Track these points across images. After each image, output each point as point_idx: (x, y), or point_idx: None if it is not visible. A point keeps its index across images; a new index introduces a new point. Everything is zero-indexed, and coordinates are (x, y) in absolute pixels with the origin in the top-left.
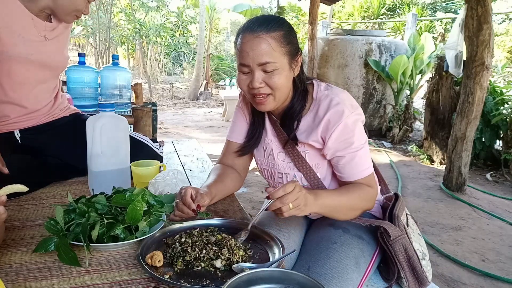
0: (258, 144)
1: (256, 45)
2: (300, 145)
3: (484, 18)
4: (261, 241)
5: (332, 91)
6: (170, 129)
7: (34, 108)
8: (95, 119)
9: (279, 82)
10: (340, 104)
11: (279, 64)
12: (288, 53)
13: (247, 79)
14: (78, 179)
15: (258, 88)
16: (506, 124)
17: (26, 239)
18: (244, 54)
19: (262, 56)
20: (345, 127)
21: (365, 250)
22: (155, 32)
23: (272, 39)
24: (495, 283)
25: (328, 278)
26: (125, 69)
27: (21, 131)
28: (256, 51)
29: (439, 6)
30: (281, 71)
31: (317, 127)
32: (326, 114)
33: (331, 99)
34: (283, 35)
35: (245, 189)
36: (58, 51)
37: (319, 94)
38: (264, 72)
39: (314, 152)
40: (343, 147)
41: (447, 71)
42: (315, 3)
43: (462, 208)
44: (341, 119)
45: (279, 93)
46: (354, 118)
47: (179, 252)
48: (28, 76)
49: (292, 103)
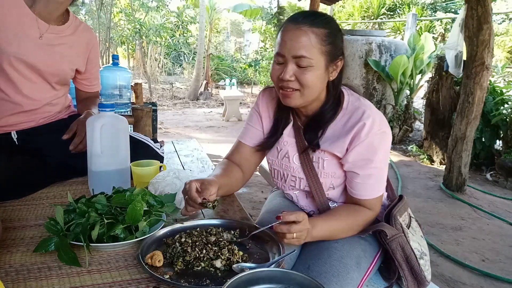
0: (275, 144)
1: (296, 37)
2: (319, 151)
3: (484, 18)
4: (261, 241)
5: (365, 104)
6: (170, 129)
7: (29, 107)
8: (95, 119)
9: (310, 80)
10: (370, 119)
11: (315, 62)
12: (328, 54)
13: (279, 70)
14: (78, 179)
15: (287, 81)
16: (506, 124)
17: (26, 239)
18: (282, 43)
19: (299, 48)
20: (370, 145)
21: (367, 250)
22: (155, 32)
23: (314, 34)
24: (495, 283)
25: (328, 277)
26: (125, 69)
27: (18, 132)
28: (294, 43)
29: (439, 6)
30: (315, 69)
31: (345, 137)
32: (356, 126)
33: (363, 112)
34: (327, 34)
35: (245, 189)
36: (57, 59)
37: (350, 105)
38: (297, 66)
39: (332, 160)
40: (361, 164)
41: (447, 71)
42: (315, 3)
43: (462, 208)
44: (368, 136)
45: (308, 91)
46: (381, 137)
47: (179, 252)
48: (17, 75)
49: (323, 109)
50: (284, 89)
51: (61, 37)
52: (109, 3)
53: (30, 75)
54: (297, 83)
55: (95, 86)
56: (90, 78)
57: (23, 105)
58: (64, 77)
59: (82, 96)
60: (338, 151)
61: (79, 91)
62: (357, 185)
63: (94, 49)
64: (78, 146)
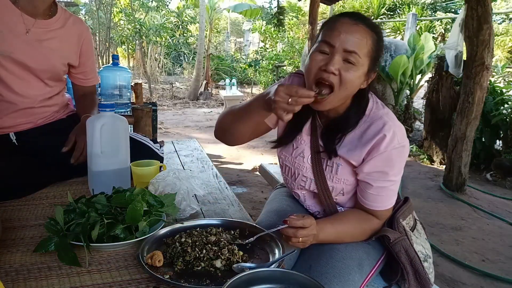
0: (292, 141)
1: (353, 31)
2: (335, 158)
3: (484, 18)
4: (261, 241)
5: (387, 114)
6: (170, 129)
7: (24, 105)
8: (95, 119)
9: (351, 79)
10: (391, 132)
11: (361, 62)
12: (372, 60)
13: (322, 60)
14: (78, 179)
15: (330, 74)
16: (506, 124)
17: (26, 239)
18: (335, 32)
19: (353, 43)
20: (388, 158)
21: (371, 253)
22: (155, 32)
23: (369, 36)
24: (495, 283)
25: (329, 277)
26: (125, 69)
27: (17, 133)
28: (350, 36)
29: (439, 6)
30: (359, 70)
31: (363, 147)
32: (376, 138)
33: (385, 123)
34: (377, 41)
35: (245, 189)
36: (47, 54)
37: (373, 113)
38: (344, 61)
39: (347, 167)
40: (377, 176)
41: (447, 71)
42: (315, 3)
43: (462, 208)
44: (387, 149)
45: (343, 91)
46: (399, 151)
47: (179, 252)
48: (7, 74)
49: (347, 115)
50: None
51: (50, 31)
52: (109, 3)
53: (20, 73)
54: (337, 79)
55: (91, 79)
56: (85, 71)
57: (17, 104)
58: (56, 73)
59: (79, 92)
60: (355, 159)
61: (76, 86)
62: (369, 196)
63: (87, 41)
64: (79, 159)
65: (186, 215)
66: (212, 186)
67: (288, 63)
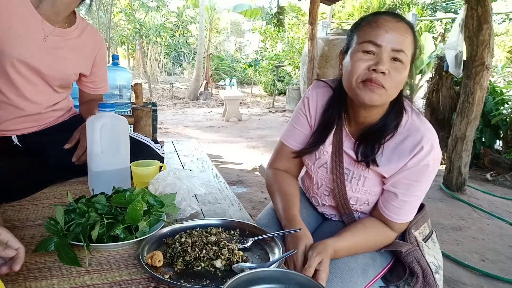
0: (316, 150)
1: (398, 29)
2: (364, 168)
3: (484, 18)
4: (261, 241)
5: (425, 125)
6: (170, 129)
7: (31, 111)
8: (95, 119)
9: (401, 78)
10: (429, 144)
11: (408, 60)
12: (412, 57)
13: (368, 60)
14: (78, 179)
15: (379, 74)
16: (506, 124)
17: (26, 239)
18: (380, 31)
19: (400, 42)
20: (420, 171)
21: (377, 260)
22: (155, 32)
23: (411, 33)
24: (495, 283)
25: (331, 277)
26: (125, 69)
27: (19, 136)
28: (398, 35)
29: (439, 6)
30: (406, 69)
31: (399, 160)
32: (414, 152)
33: (423, 136)
34: (415, 38)
35: (245, 189)
36: (61, 62)
37: (409, 123)
38: (391, 61)
39: (375, 178)
40: (404, 189)
41: (447, 71)
42: (315, 3)
43: (462, 208)
44: (421, 162)
45: (392, 92)
46: (433, 166)
47: (179, 252)
48: (19, 78)
49: (384, 120)
50: (371, 82)
51: (66, 39)
52: (109, 3)
53: (32, 78)
54: (388, 80)
55: (100, 89)
56: (95, 81)
57: (24, 109)
58: (67, 81)
59: (85, 98)
60: (387, 172)
61: (83, 93)
62: (392, 208)
63: (101, 52)
64: (81, 158)
65: (186, 215)
66: (212, 186)
67: (288, 63)
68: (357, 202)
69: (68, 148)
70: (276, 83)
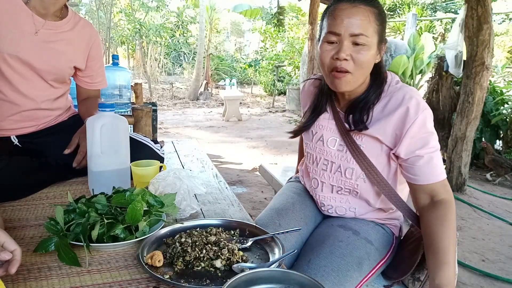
0: (310, 127)
1: (353, 14)
2: (358, 137)
3: (484, 18)
4: (261, 241)
5: (406, 86)
6: (170, 129)
7: (28, 106)
8: (95, 119)
9: (365, 59)
10: (415, 99)
11: (370, 40)
12: (379, 33)
13: (332, 50)
14: (78, 179)
15: (343, 61)
16: (506, 124)
17: (26, 239)
18: (337, 21)
19: (357, 26)
20: (423, 123)
21: (372, 254)
22: (155, 32)
23: (370, 13)
24: (495, 283)
25: (327, 271)
26: (125, 69)
27: (18, 136)
28: (353, 20)
29: (439, 6)
30: (370, 49)
31: (387, 119)
32: (400, 108)
33: (405, 93)
34: (379, 13)
35: (245, 189)
36: (54, 56)
37: (391, 87)
38: (353, 45)
39: (372, 146)
40: (420, 145)
41: (447, 71)
42: (315, 3)
43: (462, 208)
44: (418, 114)
45: (360, 73)
46: (429, 115)
47: (179, 252)
48: (12, 73)
49: (367, 93)
50: (336, 71)
51: (59, 33)
52: (109, 3)
53: (25, 73)
54: (351, 64)
55: (97, 83)
56: (92, 75)
57: (20, 105)
58: (61, 75)
59: (83, 95)
60: (380, 133)
61: (80, 89)
62: (420, 170)
63: (95, 46)
64: (81, 162)
65: (186, 215)
66: (212, 186)
67: (288, 63)
68: (352, 174)
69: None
70: (276, 83)
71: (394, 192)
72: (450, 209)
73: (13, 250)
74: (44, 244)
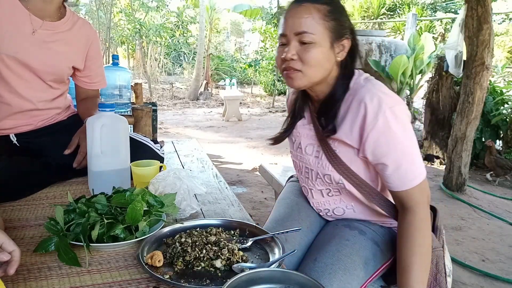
0: (289, 134)
1: (297, 13)
2: (332, 141)
3: (484, 18)
4: (261, 241)
5: (371, 82)
6: (170, 129)
7: (26, 107)
8: (95, 119)
9: (313, 57)
10: (375, 99)
11: (318, 37)
12: (332, 30)
13: (282, 52)
14: (78, 179)
15: (290, 61)
16: (506, 124)
17: (26, 239)
18: (284, 23)
19: (300, 24)
20: (386, 126)
21: (378, 256)
22: (155, 32)
23: (315, 10)
24: (495, 283)
25: (334, 269)
26: (125, 69)
27: (17, 135)
28: (296, 19)
29: (439, 6)
30: (318, 46)
31: (351, 121)
32: (361, 109)
33: (368, 90)
34: (330, 10)
35: (245, 189)
36: (52, 56)
37: (356, 84)
38: (300, 44)
39: (345, 150)
40: (386, 151)
41: (447, 71)
42: None
43: (462, 208)
44: (378, 117)
45: (311, 70)
46: (394, 114)
47: (179, 252)
48: (10, 74)
49: (333, 91)
50: (287, 70)
51: (56, 33)
52: (109, 3)
53: (23, 74)
54: (299, 63)
55: (96, 83)
56: (90, 75)
57: (17, 106)
58: (60, 75)
59: (82, 95)
60: (348, 137)
61: (79, 88)
62: (390, 178)
63: (94, 45)
64: (81, 163)
65: (186, 215)
66: (212, 186)
67: None
68: (332, 179)
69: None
70: (276, 83)
71: (375, 192)
72: (414, 220)
73: (12, 251)
74: (44, 244)
